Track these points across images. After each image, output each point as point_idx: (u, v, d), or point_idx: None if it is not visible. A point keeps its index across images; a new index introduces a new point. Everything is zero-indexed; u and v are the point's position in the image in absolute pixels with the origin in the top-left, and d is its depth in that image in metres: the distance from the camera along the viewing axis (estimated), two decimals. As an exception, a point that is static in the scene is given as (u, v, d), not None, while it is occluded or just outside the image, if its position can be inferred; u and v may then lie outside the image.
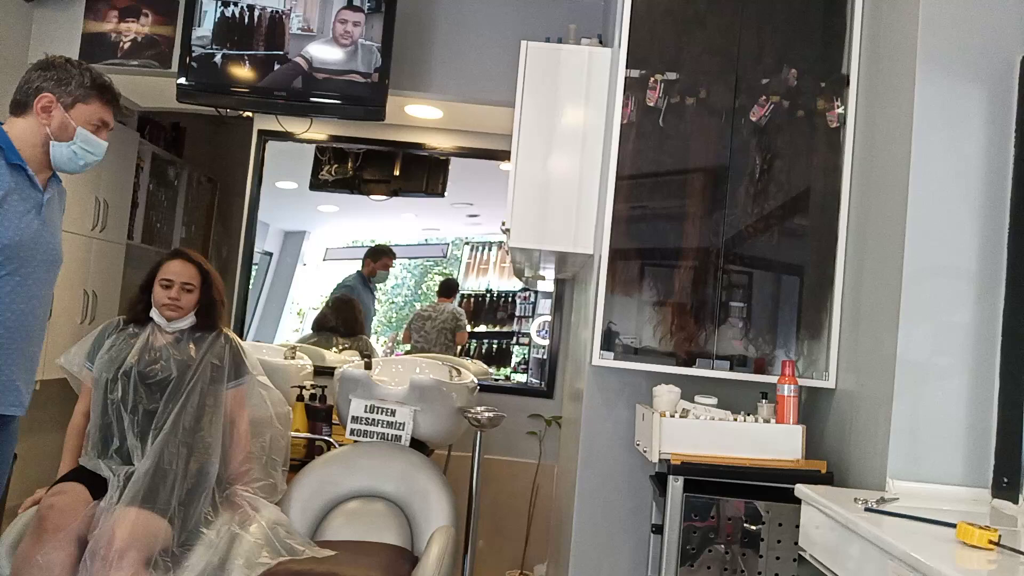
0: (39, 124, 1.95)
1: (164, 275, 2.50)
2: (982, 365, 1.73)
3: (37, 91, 1.97)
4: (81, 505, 2.19)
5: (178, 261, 2.54)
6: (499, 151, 3.96)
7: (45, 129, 1.95)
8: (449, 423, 3.02)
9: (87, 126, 2.00)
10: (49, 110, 1.95)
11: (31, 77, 1.99)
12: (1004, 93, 1.76)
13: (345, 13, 3.25)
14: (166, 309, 2.49)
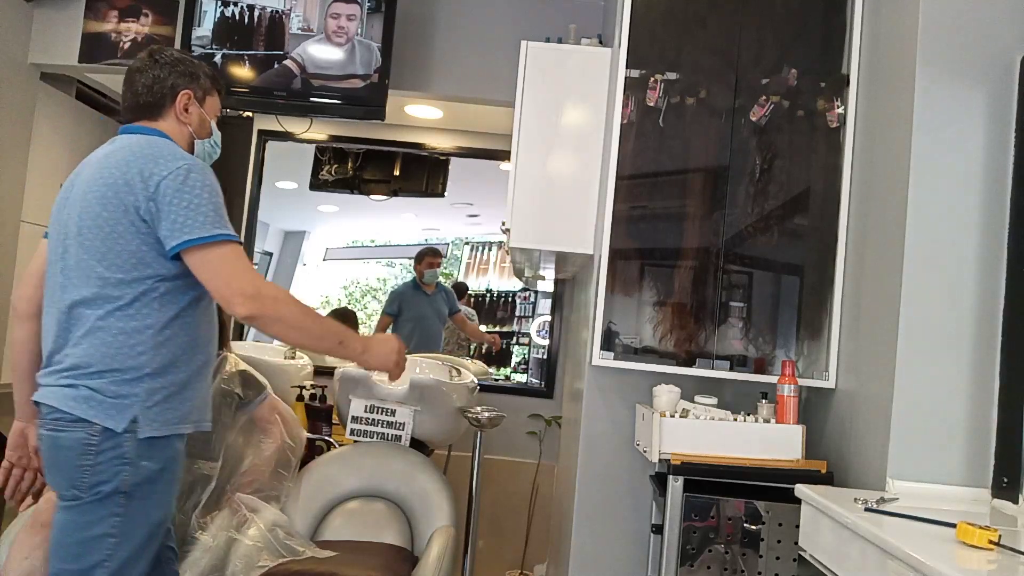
0: (179, 124, 1.84)
1: None
2: (982, 365, 1.73)
3: (173, 89, 1.83)
4: None
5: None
6: (499, 151, 3.97)
7: (187, 128, 1.85)
8: (449, 423, 3.02)
9: (213, 120, 1.92)
10: (188, 108, 1.84)
11: (159, 75, 1.81)
12: (1004, 93, 1.76)
13: (337, 6, 3.23)
14: None
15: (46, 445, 1.62)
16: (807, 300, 2.24)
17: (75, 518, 1.57)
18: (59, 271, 1.69)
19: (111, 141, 1.80)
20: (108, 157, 1.72)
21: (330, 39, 3.23)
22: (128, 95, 1.84)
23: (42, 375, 1.67)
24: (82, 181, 1.73)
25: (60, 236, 1.72)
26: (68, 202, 1.75)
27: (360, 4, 3.23)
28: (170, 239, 1.61)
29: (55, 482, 1.63)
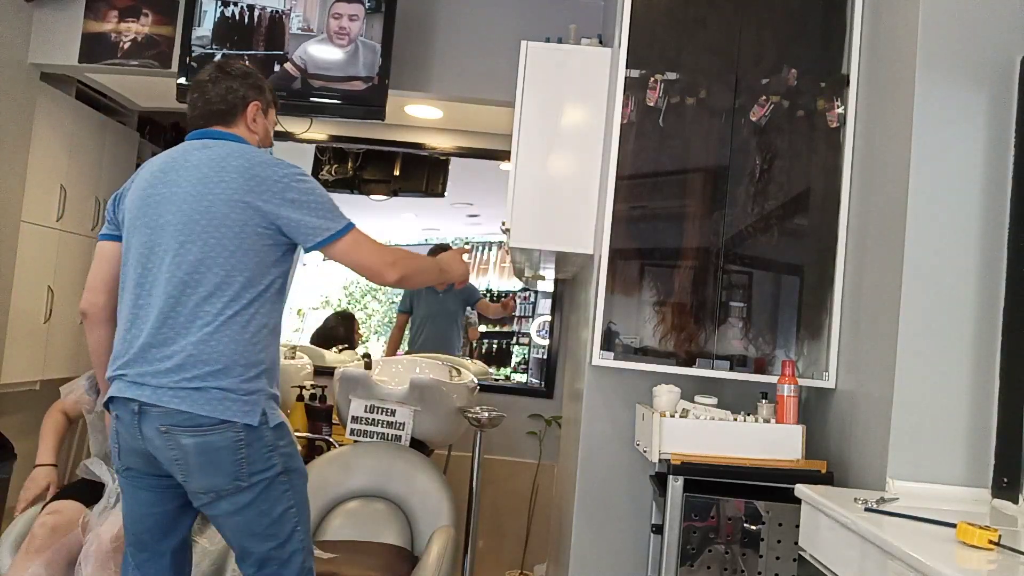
0: (249, 132, 1.91)
1: None
2: (982, 365, 1.73)
3: (244, 99, 1.89)
4: (75, 525, 2.18)
5: None
6: (499, 151, 3.97)
7: (256, 137, 1.92)
8: (449, 423, 3.02)
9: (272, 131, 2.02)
10: (256, 118, 1.92)
11: (232, 86, 1.88)
12: (1004, 93, 1.76)
13: (339, 6, 3.23)
14: None
15: (194, 451, 1.65)
16: (807, 300, 2.24)
17: (258, 506, 1.70)
18: (160, 269, 1.72)
19: (198, 145, 1.82)
20: (215, 161, 1.76)
21: (331, 39, 3.22)
22: (200, 102, 1.89)
23: (142, 374, 1.67)
24: (188, 182, 1.75)
25: (153, 235, 1.75)
26: (165, 202, 1.75)
27: (363, 4, 3.22)
28: (313, 236, 1.75)
29: (209, 481, 1.67)
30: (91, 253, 4.23)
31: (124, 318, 1.75)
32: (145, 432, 1.66)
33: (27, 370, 3.64)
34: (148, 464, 1.72)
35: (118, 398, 1.69)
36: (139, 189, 1.80)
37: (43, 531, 2.14)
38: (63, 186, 3.76)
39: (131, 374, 1.68)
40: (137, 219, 1.77)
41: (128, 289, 1.75)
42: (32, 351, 3.65)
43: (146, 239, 1.74)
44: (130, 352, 1.69)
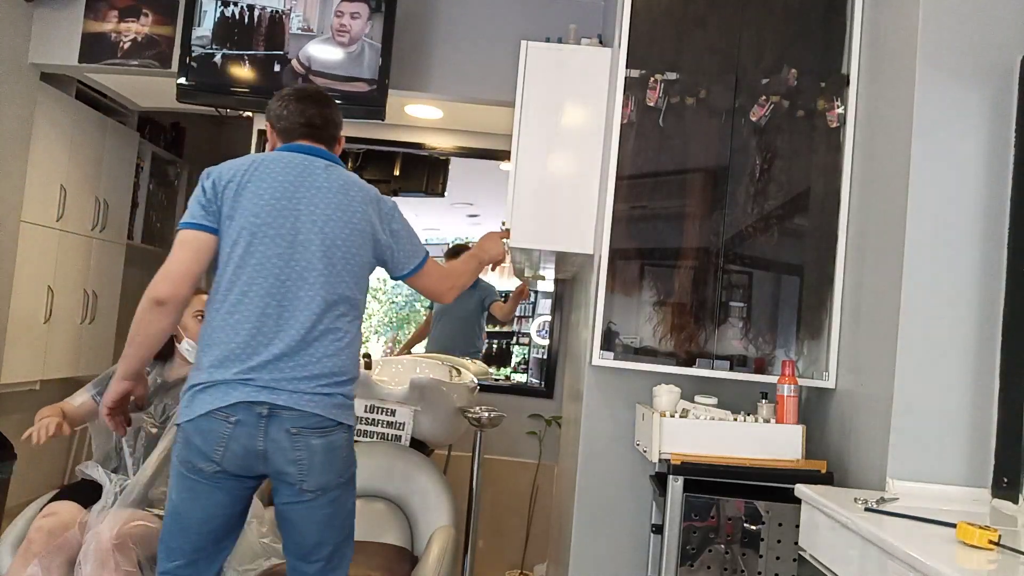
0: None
1: (196, 308, 2.53)
2: (982, 365, 1.73)
3: (340, 132, 2.03)
4: (72, 526, 2.18)
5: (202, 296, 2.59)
6: (499, 151, 3.96)
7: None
8: (449, 423, 3.02)
9: None
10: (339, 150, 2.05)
11: (338, 119, 2.02)
12: (1004, 93, 1.76)
13: (343, 5, 3.23)
14: None
15: (320, 451, 1.77)
16: (807, 300, 2.24)
17: (344, 501, 1.84)
18: (301, 286, 1.79)
19: (321, 165, 1.89)
20: (344, 187, 1.87)
21: (333, 38, 3.22)
22: (317, 119, 1.96)
23: (276, 380, 1.74)
24: (325, 204, 1.84)
25: (291, 250, 1.79)
26: (303, 218, 1.81)
27: (368, 3, 3.23)
28: (408, 263, 1.97)
29: (324, 479, 1.78)
30: (91, 253, 4.24)
31: (243, 322, 1.75)
32: (271, 433, 1.73)
33: (27, 370, 3.64)
34: (247, 465, 1.75)
35: (243, 402, 1.71)
36: (263, 194, 1.80)
37: (39, 535, 2.14)
38: (63, 186, 3.77)
39: (261, 379, 1.73)
40: (266, 226, 1.78)
41: (253, 294, 1.76)
42: (32, 351, 3.65)
43: (282, 251, 1.78)
44: (257, 359, 1.73)
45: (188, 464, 1.75)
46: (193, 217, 1.79)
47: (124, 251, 4.41)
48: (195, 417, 1.73)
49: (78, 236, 3.94)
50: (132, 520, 2.15)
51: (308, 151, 1.91)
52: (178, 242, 1.79)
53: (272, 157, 1.88)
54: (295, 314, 1.77)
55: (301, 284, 1.78)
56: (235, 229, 1.78)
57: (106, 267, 4.24)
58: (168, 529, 1.79)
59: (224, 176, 1.82)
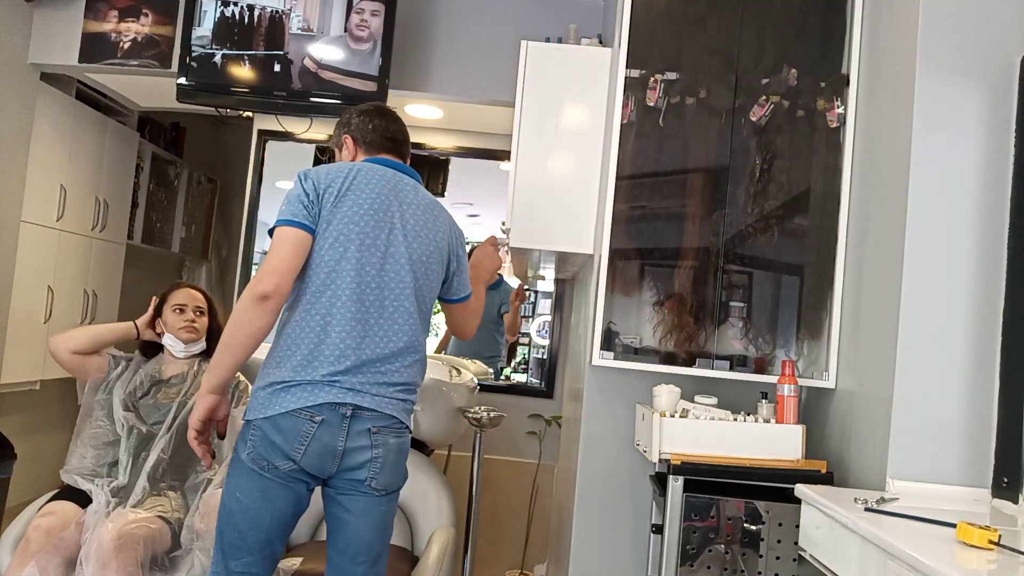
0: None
1: (175, 301, 2.56)
2: (982, 365, 1.73)
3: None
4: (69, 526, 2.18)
5: (184, 289, 2.64)
6: (499, 151, 3.97)
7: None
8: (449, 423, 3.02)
9: None
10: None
11: (407, 131, 2.15)
12: (1004, 93, 1.76)
13: (364, 3, 3.24)
14: (184, 332, 2.55)
15: (394, 450, 1.86)
16: (807, 300, 2.24)
17: (396, 505, 1.93)
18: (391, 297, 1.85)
19: (410, 184, 1.99)
20: (429, 208, 1.97)
21: (351, 35, 3.23)
22: (400, 134, 2.10)
23: (363, 383, 1.80)
24: (415, 220, 1.92)
25: (384, 261, 1.85)
26: (396, 231, 1.88)
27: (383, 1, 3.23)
28: (462, 290, 2.06)
29: (393, 479, 1.87)
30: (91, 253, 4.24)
31: (335, 326, 1.79)
32: (352, 432, 1.78)
33: (27, 370, 3.64)
34: (321, 465, 1.79)
35: (328, 403, 1.76)
36: (363, 203, 1.85)
37: (37, 534, 2.14)
38: (63, 186, 3.77)
39: (348, 381, 1.78)
40: (363, 235, 1.83)
41: (346, 299, 1.80)
42: (32, 351, 3.65)
43: (375, 261, 1.84)
44: (345, 363, 1.78)
45: (264, 462, 1.76)
46: (295, 216, 1.81)
47: (124, 251, 4.41)
48: (276, 414, 1.75)
49: (78, 236, 3.94)
50: (133, 521, 2.15)
51: (397, 167, 2.01)
52: (279, 239, 1.80)
53: (369, 168, 1.93)
54: (384, 324, 1.83)
55: (390, 295, 1.85)
56: (332, 234, 1.82)
57: (106, 267, 4.24)
58: (234, 527, 1.78)
59: (324, 180, 1.86)
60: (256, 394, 1.80)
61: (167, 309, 2.56)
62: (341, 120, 2.10)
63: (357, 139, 2.06)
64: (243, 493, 1.78)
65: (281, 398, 1.76)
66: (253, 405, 1.80)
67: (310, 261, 1.82)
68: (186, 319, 2.55)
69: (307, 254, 1.82)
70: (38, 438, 3.84)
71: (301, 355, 1.77)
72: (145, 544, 2.14)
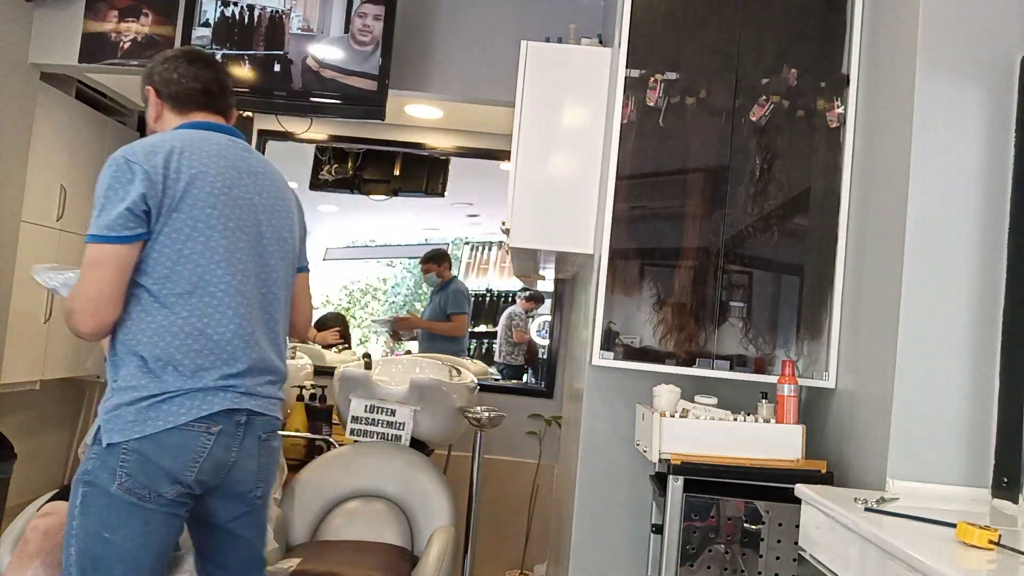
0: None
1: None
2: (982, 365, 1.73)
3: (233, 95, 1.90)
4: None
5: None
6: (499, 151, 3.97)
7: None
8: (449, 423, 3.02)
9: None
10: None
11: (228, 78, 1.85)
12: (1004, 93, 1.76)
13: (366, 6, 3.24)
14: None
15: (276, 453, 1.75)
16: (807, 300, 2.24)
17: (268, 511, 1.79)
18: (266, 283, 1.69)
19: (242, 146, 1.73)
20: (264, 163, 1.77)
21: (354, 38, 3.23)
22: (214, 86, 1.75)
23: (253, 385, 1.62)
24: (268, 195, 1.73)
25: (253, 246, 1.67)
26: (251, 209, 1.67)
27: (384, 4, 3.23)
28: (304, 260, 1.88)
29: (271, 484, 1.75)
30: (91, 253, 4.22)
31: (218, 324, 1.58)
32: (245, 442, 1.62)
33: (27, 370, 3.64)
34: (207, 482, 1.59)
35: (224, 411, 1.56)
36: (214, 184, 1.61)
37: (35, 535, 2.13)
38: (63, 186, 3.76)
39: (243, 384, 1.60)
40: (225, 218, 1.62)
41: (221, 294, 1.59)
42: (32, 351, 3.65)
43: (246, 246, 1.65)
44: (238, 365, 1.60)
45: (144, 491, 1.49)
46: (112, 229, 1.51)
47: (124, 251, 4.40)
48: (158, 432, 1.50)
49: (78, 236, 3.93)
50: None
51: (223, 130, 1.72)
52: (98, 260, 1.53)
53: (196, 139, 1.64)
54: (265, 316, 1.67)
55: (266, 282, 1.68)
56: (185, 223, 1.57)
57: (106, 267, 4.23)
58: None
59: (151, 163, 1.55)
60: (118, 412, 1.51)
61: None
62: (145, 68, 1.77)
63: (161, 91, 1.73)
64: (115, 533, 1.49)
65: (162, 412, 1.51)
66: (116, 425, 1.50)
67: (160, 257, 1.55)
68: None
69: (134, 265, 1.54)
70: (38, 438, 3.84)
71: (181, 361, 1.54)
72: None
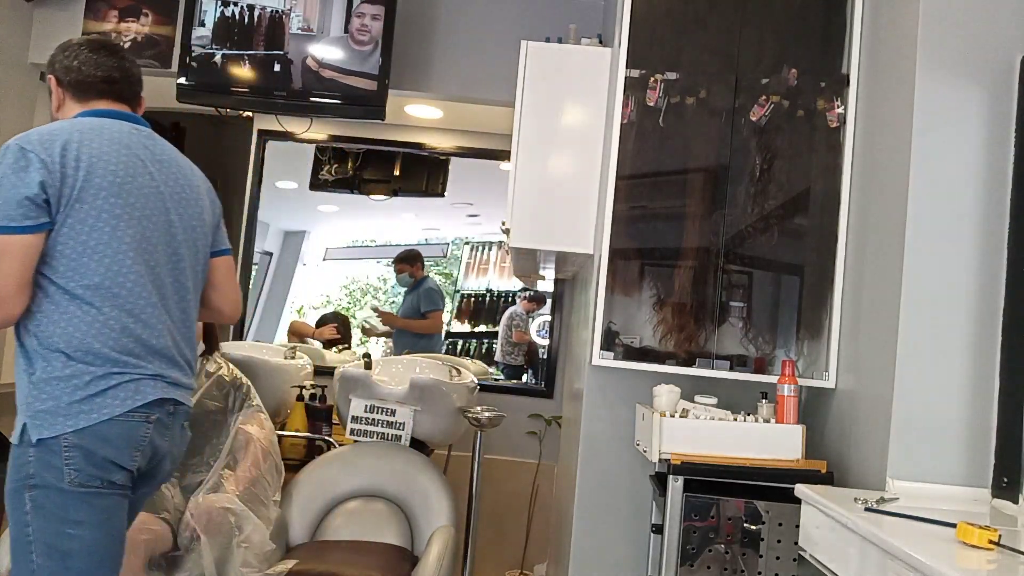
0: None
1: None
2: (982, 365, 1.73)
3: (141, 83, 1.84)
4: None
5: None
6: (499, 151, 3.96)
7: None
8: (449, 423, 3.02)
9: None
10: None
11: (134, 65, 1.79)
12: (1004, 93, 1.76)
13: (364, 6, 3.24)
14: None
15: (187, 443, 1.78)
16: (807, 300, 2.24)
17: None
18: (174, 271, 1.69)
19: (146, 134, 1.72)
20: (171, 150, 1.76)
21: (353, 38, 3.23)
22: (117, 73, 1.72)
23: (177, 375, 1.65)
24: (175, 183, 1.71)
25: (157, 234, 1.64)
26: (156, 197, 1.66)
27: (383, 4, 3.23)
28: (224, 242, 1.85)
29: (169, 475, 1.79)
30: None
31: (136, 315, 1.58)
32: (174, 431, 1.67)
33: (27, 370, 3.63)
34: (143, 468, 1.61)
35: (158, 400, 1.58)
36: (116, 172, 1.59)
37: None
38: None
39: (169, 375, 1.63)
40: (131, 207, 1.60)
41: (130, 286, 1.57)
42: (32, 351, 3.65)
43: (155, 236, 1.64)
44: (159, 355, 1.61)
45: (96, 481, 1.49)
46: (13, 219, 1.48)
47: (124, 251, 4.40)
48: (96, 424, 1.49)
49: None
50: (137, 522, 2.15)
51: (127, 118, 1.70)
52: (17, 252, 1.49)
53: (94, 126, 1.62)
54: (179, 306, 1.68)
55: (177, 271, 1.68)
56: (89, 213, 1.54)
57: (106, 267, 4.23)
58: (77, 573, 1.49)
59: (48, 151, 1.52)
60: (46, 407, 1.49)
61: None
62: (48, 59, 1.75)
63: (61, 79, 1.69)
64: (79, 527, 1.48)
65: (95, 404, 1.50)
66: (46, 420, 1.48)
67: (65, 249, 1.53)
68: None
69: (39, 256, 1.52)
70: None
71: (103, 352, 1.52)
72: (147, 547, 2.14)
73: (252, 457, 2.46)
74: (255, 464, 2.46)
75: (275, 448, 2.59)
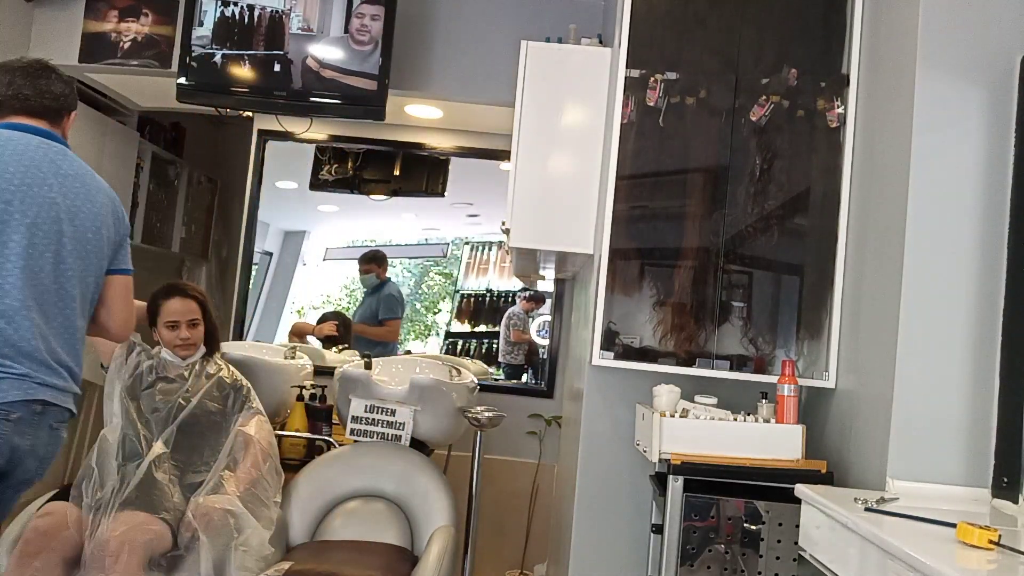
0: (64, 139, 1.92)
1: (168, 318, 2.56)
2: (982, 365, 1.73)
3: (70, 108, 1.93)
4: (67, 526, 2.17)
5: (176, 299, 2.60)
6: (499, 151, 3.96)
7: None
8: (449, 423, 3.02)
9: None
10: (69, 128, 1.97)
11: (67, 90, 1.90)
12: (1004, 93, 1.76)
13: (364, 7, 3.24)
14: (180, 350, 2.58)
15: (62, 442, 1.78)
16: (807, 300, 2.24)
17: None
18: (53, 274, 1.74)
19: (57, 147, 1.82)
20: (80, 167, 1.84)
21: (352, 38, 3.22)
22: (47, 93, 1.85)
23: (46, 376, 1.70)
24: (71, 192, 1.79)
25: (38, 237, 1.72)
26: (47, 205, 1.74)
27: (383, 4, 3.23)
28: (123, 262, 1.93)
29: (45, 472, 1.77)
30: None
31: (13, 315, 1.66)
32: (39, 431, 1.70)
33: (27, 370, 3.63)
34: (2, 467, 1.66)
35: (21, 400, 1.65)
36: (10, 179, 1.70)
37: (35, 535, 2.14)
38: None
39: (37, 376, 1.69)
40: (22, 214, 1.70)
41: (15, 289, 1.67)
42: (32, 351, 3.65)
43: (43, 242, 1.72)
44: (30, 357, 1.68)
45: None
46: None
47: (124, 251, 4.41)
48: None
49: (78, 236, 3.93)
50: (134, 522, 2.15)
51: (39, 132, 1.81)
52: None
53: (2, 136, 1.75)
54: (60, 311, 1.74)
55: (62, 279, 1.74)
56: None
57: (106, 267, 4.23)
58: None
59: None
60: None
61: (160, 323, 2.56)
62: None
63: None
64: None
65: None
66: None
67: None
68: (181, 337, 2.56)
69: None
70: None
71: None
72: (147, 547, 2.14)
73: (252, 458, 2.46)
74: (255, 465, 2.46)
75: (274, 450, 2.59)
